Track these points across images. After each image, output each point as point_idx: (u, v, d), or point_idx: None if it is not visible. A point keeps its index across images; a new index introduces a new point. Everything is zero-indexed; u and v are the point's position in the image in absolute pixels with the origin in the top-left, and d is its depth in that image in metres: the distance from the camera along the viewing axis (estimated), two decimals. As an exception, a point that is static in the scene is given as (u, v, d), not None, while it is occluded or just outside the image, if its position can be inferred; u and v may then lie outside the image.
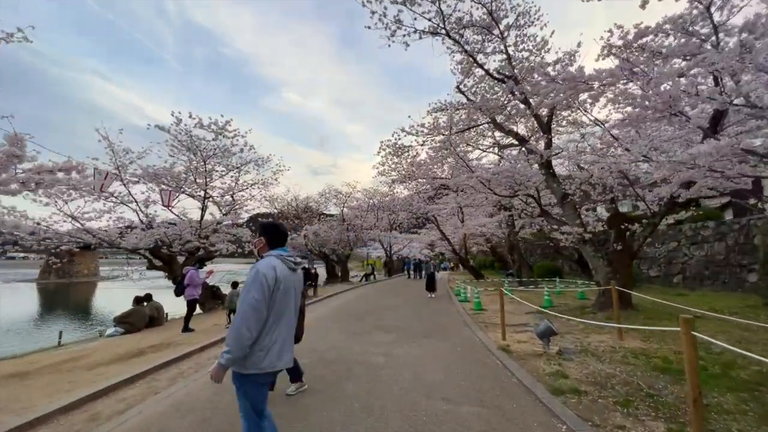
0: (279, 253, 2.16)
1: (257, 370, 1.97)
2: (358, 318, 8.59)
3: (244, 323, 1.89)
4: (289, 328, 2.16)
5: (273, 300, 2.00)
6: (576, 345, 5.60)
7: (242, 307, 1.94)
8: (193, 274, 7.99)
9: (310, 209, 22.46)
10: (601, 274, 8.32)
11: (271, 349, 2.00)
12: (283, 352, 2.07)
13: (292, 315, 2.19)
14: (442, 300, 12.25)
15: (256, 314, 1.92)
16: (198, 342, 6.31)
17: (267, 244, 2.23)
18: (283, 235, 2.29)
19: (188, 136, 10.54)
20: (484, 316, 8.64)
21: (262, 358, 1.97)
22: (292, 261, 2.20)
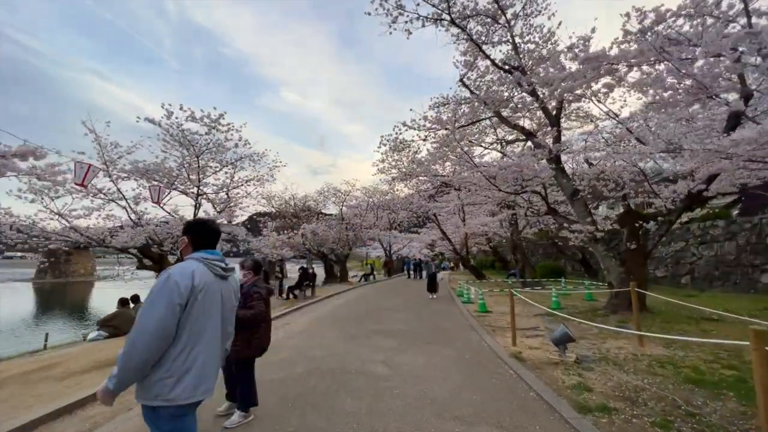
0: (203, 255, 1.75)
1: (165, 402, 1.55)
2: (357, 320, 8.15)
3: (141, 342, 1.49)
4: (213, 350, 1.73)
5: (188, 314, 1.60)
6: (594, 352, 5.16)
7: (141, 322, 1.52)
8: None
9: (308, 208, 22.00)
10: (614, 275, 7.90)
11: (184, 376, 1.58)
12: (201, 379, 1.64)
13: (217, 333, 1.76)
14: (445, 301, 11.81)
15: (159, 331, 1.51)
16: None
17: (190, 244, 1.81)
18: (211, 233, 1.87)
19: (180, 130, 10.06)
20: (489, 319, 8.21)
21: (171, 387, 1.55)
22: (220, 266, 1.78)
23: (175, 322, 1.56)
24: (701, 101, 3.84)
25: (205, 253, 1.78)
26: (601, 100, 6.96)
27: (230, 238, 12.19)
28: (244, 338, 3.03)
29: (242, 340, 3.03)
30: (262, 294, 3.18)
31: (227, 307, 1.84)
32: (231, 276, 1.89)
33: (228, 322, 1.87)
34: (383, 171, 17.45)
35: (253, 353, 3.17)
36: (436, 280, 12.77)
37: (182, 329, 1.59)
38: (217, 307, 1.75)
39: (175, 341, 1.58)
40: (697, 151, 4.04)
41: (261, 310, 3.10)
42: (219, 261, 1.80)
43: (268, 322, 3.35)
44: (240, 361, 3.14)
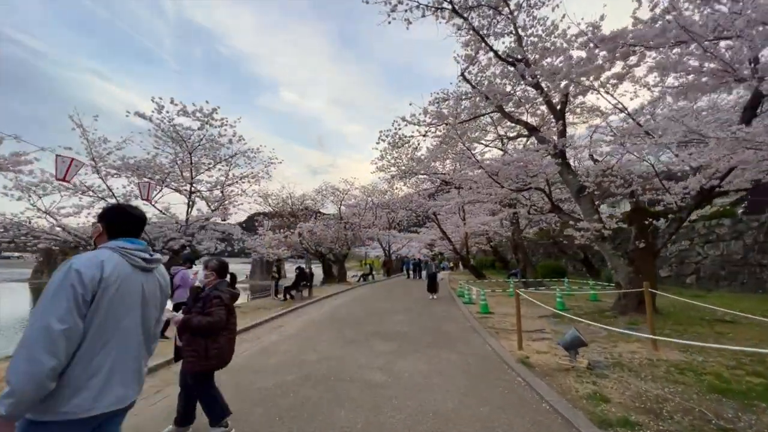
0: (119, 244, 1.48)
1: (56, 416, 1.26)
2: (354, 322, 7.82)
3: (41, 347, 1.20)
4: (129, 353, 1.46)
5: (95, 310, 1.35)
6: (606, 357, 4.84)
7: (38, 322, 1.23)
8: (186, 274, 7.28)
9: (306, 208, 21.64)
10: (622, 275, 7.58)
11: (86, 384, 1.31)
12: (109, 387, 1.36)
13: (136, 333, 1.49)
14: (445, 302, 11.48)
15: (61, 333, 1.24)
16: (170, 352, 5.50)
17: (104, 232, 1.55)
18: (130, 219, 1.59)
19: (171, 125, 9.72)
20: (492, 321, 7.88)
21: (66, 398, 1.27)
22: (141, 256, 1.50)
23: (80, 317, 1.30)
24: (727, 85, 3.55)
25: (124, 241, 1.50)
26: (609, 91, 6.64)
27: (225, 237, 11.84)
28: (201, 348, 2.71)
29: (199, 350, 2.71)
30: (224, 299, 2.81)
31: (151, 304, 1.57)
32: (157, 268, 1.62)
33: (151, 321, 1.59)
34: (382, 169, 17.14)
35: (211, 365, 2.79)
36: (436, 280, 12.46)
37: (88, 328, 1.32)
38: (136, 303, 1.48)
39: (79, 344, 1.30)
40: (723, 139, 3.72)
41: (220, 317, 2.73)
42: (140, 251, 1.53)
43: (232, 331, 2.97)
44: (196, 374, 2.78)
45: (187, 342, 2.76)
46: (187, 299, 7.08)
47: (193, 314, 2.75)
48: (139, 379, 1.53)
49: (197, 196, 11.68)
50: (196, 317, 2.70)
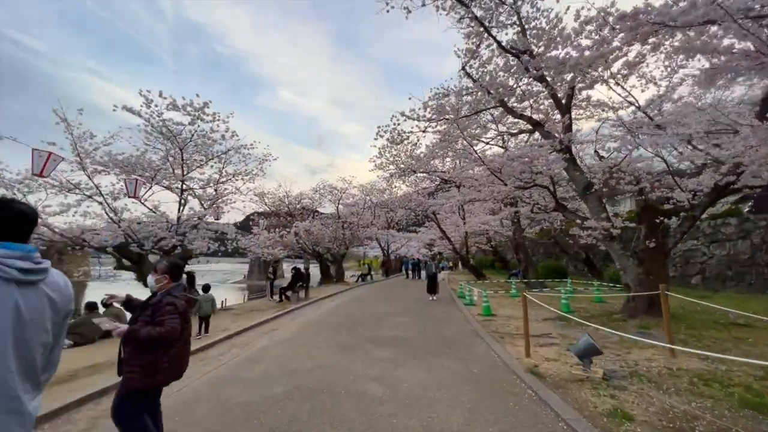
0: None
1: None
2: (351, 326, 7.45)
3: None
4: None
5: None
6: (621, 365, 4.49)
7: None
8: None
9: (304, 207, 21.23)
10: (631, 276, 7.24)
11: None
12: None
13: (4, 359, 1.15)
14: (445, 303, 11.13)
15: None
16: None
17: None
18: (10, 215, 1.26)
19: (161, 120, 9.32)
20: (495, 324, 7.53)
21: None
22: (15, 265, 1.18)
23: None
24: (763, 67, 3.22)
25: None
26: (620, 82, 6.30)
27: (218, 237, 11.45)
28: (148, 363, 2.29)
29: (145, 365, 2.28)
30: (178, 306, 2.41)
31: (34, 326, 1.22)
32: (47, 279, 1.27)
33: (34, 348, 1.22)
34: (381, 167, 16.78)
35: (158, 382, 2.37)
36: (436, 280, 12.10)
37: None
38: (6, 323, 1.14)
39: None
40: (758, 128, 3.39)
41: (173, 326, 2.32)
42: (19, 258, 1.19)
43: (186, 342, 2.57)
44: (135, 392, 2.30)
45: (131, 355, 2.31)
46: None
47: (140, 324, 2.32)
48: (8, 412, 1.15)
49: (189, 195, 11.31)
50: (145, 328, 2.26)
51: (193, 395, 3.78)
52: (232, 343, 6.21)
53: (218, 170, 11.33)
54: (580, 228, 8.12)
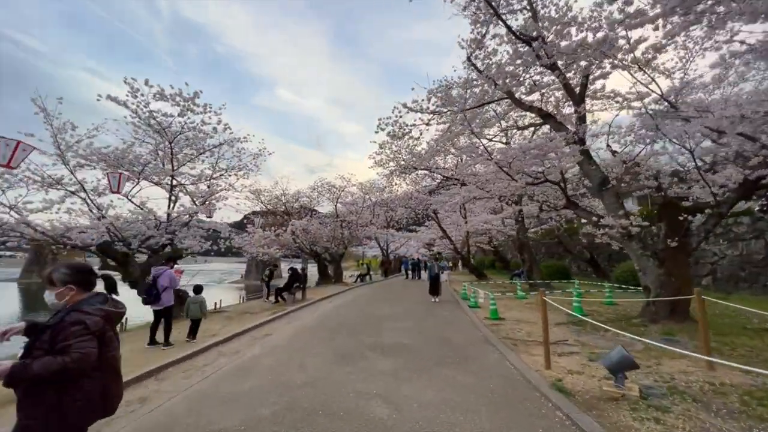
0: None
1: None
2: (350, 331, 6.92)
3: None
4: None
5: None
6: (655, 379, 3.99)
7: None
8: (173, 274, 6.48)
9: (303, 207, 20.65)
10: (651, 277, 6.75)
11: None
12: None
13: None
14: (449, 305, 10.62)
15: None
16: (147, 363, 4.58)
17: None
18: None
19: (148, 111, 8.76)
20: (505, 329, 7.02)
21: None
22: None
23: None
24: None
25: None
26: (643, 66, 5.80)
27: (210, 235, 10.91)
28: (52, 406, 1.68)
29: (48, 409, 1.67)
30: (89, 325, 1.74)
31: None
32: None
33: None
34: (380, 164, 16.28)
35: (69, 429, 1.76)
36: (439, 282, 11.58)
37: None
38: None
39: None
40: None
41: (84, 352, 1.68)
42: None
43: (111, 370, 1.90)
44: None
45: (26, 397, 1.69)
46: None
47: (34, 356, 1.67)
48: None
49: (181, 191, 10.76)
50: (39, 361, 1.63)
51: (167, 418, 3.25)
52: (220, 351, 5.67)
53: (210, 165, 10.80)
54: (595, 226, 7.63)
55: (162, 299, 6.21)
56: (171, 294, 6.43)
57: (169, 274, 6.42)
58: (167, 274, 6.40)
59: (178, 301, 9.45)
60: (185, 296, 9.81)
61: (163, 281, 6.28)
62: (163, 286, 6.26)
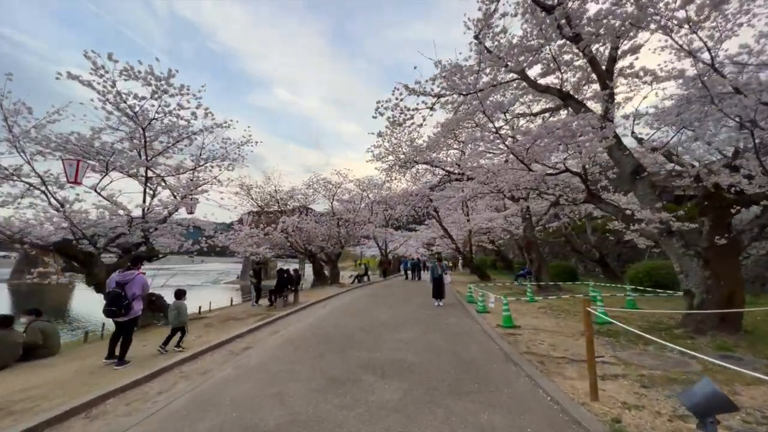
0: None
1: None
2: (343, 343, 5.93)
3: None
4: None
5: None
6: (745, 418, 3.01)
7: None
8: (143, 280, 5.52)
9: (302, 206, 19.55)
10: (695, 281, 5.79)
11: None
12: None
13: None
14: (455, 310, 9.64)
15: None
16: (85, 391, 3.57)
17: None
18: None
19: (115, 92, 7.71)
20: (524, 339, 6.04)
21: None
22: None
23: None
24: None
25: None
26: (694, 28, 4.84)
27: (190, 234, 9.88)
28: None
29: None
30: None
31: None
32: None
33: None
34: (379, 158, 15.29)
35: None
36: (442, 284, 10.60)
37: None
38: None
39: None
40: None
41: None
42: None
43: None
44: None
45: None
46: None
47: None
48: None
49: (159, 185, 9.73)
50: None
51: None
52: (183, 372, 4.66)
53: (191, 155, 9.76)
54: (625, 221, 6.66)
55: (132, 309, 5.23)
56: (140, 303, 5.48)
57: (140, 280, 5.46)
58: (138, 280, 5.43)
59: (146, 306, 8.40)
60: (160, 302, 8.80)
61: (133, 289, 5.29)
62: (134, 294, 5.28)
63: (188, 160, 9.69)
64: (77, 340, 7.85)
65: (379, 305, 10.76)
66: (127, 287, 5.23)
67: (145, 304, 7.44)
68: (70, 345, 7.68)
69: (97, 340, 8.11)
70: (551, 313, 8.77)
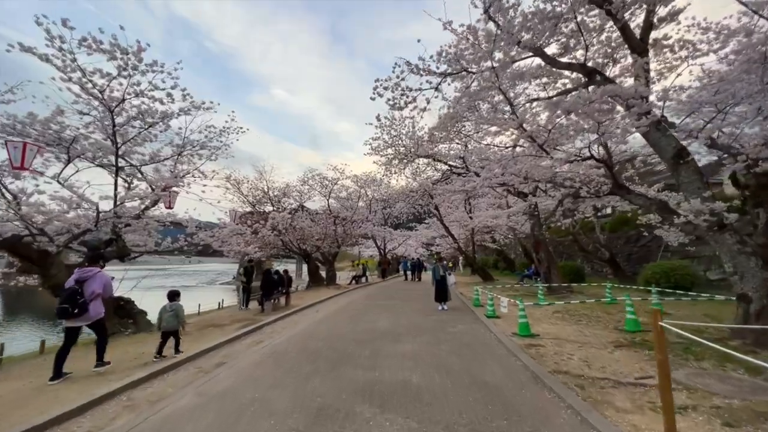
0: None
1: None
2: (335, 359, 4.99)
3: None
4: None
5: None
6: None
7: None
8: (106, 278, 4.91)
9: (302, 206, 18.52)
10: (754, 283, 4.89)
11: None
12: None
13: None
14: (461, 315, 8.71)
15: None
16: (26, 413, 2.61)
17: None
18: None
19: (76, 65, 6.73)
20: (548, 353, 5.12)
21: None
22: None
23: None
24: None
25: None
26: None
27: (170, 231, 8.91)
28: None
29: None
30: None
31: None
32: None
33: None
34: (377, 150, 14.38)
35: None
36: (446, 286, 9.67)
37: None
38: None
39: None
40: None
41: None
42: None
43: None
44: None
45: None
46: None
47: None
48: None
49: (135, 176, 8.78)
50: None
51: None
52: (131, 400, 3.69)
53: (170, 144, 8.78)
54: (663, 215, 5.76)
55: (89, 311, 4.52)
56: (100, 304, 4.78)
57: (101, 278, 4.80)
58: (99, 277, 4.79)
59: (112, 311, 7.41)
60: (129, 307, 7.81)
61: (93, 286, 4.63)
62: (93, 292, 4.61)
63: (167, 148, 8.71)
64: (33, 352, 6.84)
65: (377, 310, 9.81)
66: (85, 285, 4.59)
67: (110, 308, 6.54)
68: (24, 357, 6.67)
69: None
70: (569, 318, 7.86)
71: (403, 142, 13.91)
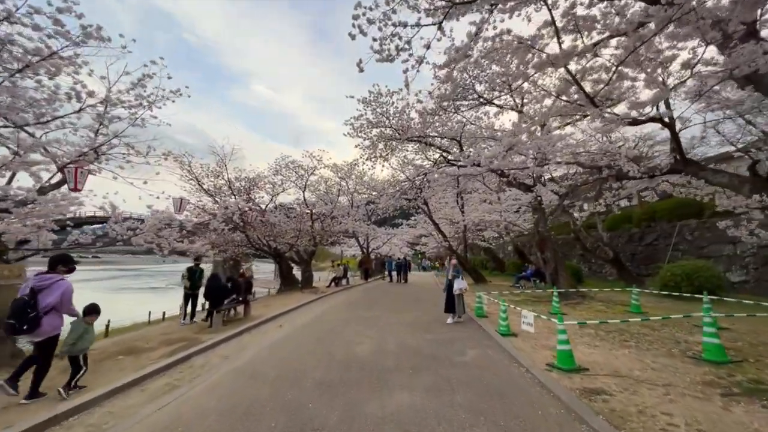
0: None
1: None
2: (287, 420, 2.89)
3: None
4: None
5: None
6: None
7: None
8: (67, 288, 3.92)
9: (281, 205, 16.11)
10: None
11: None
12: None
13: None
14: (467, 331, 6.77)
15: None
16: None
17: None
18: None
19: None
20: (619, 407, 3.21)
21: None
22: None
23: None
24: None
25: None
26: None
27: (63, 224, 6.53)
28: None
29: None
30: None
31: None
32: None
33: None
34: (359, 131, 12.29)
35: None
36: (453, 292, 7.69)
37: None
38: None
39: None
40: None
41: None
42: None
43: None
44: None
45: None
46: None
47: None
48: None
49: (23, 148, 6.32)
50: None
51: None
52: None
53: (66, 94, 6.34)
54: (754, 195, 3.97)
55: (42, 326, 3.68)
56: (57, 319, 3.86)
57: (62, 287, 3.88)
58: (60, 286, 3.87)
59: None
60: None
61: (49, 298, 3.76)
62: (48, 305, 3.74)
63: (59, 108, 6.25)
64: None
65: (358, 323, 7.73)
66: (40, 296, 3.76)
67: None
68: None
69: None
70: (608, 336, 6.03)
71: (390, 123, 11.89)
